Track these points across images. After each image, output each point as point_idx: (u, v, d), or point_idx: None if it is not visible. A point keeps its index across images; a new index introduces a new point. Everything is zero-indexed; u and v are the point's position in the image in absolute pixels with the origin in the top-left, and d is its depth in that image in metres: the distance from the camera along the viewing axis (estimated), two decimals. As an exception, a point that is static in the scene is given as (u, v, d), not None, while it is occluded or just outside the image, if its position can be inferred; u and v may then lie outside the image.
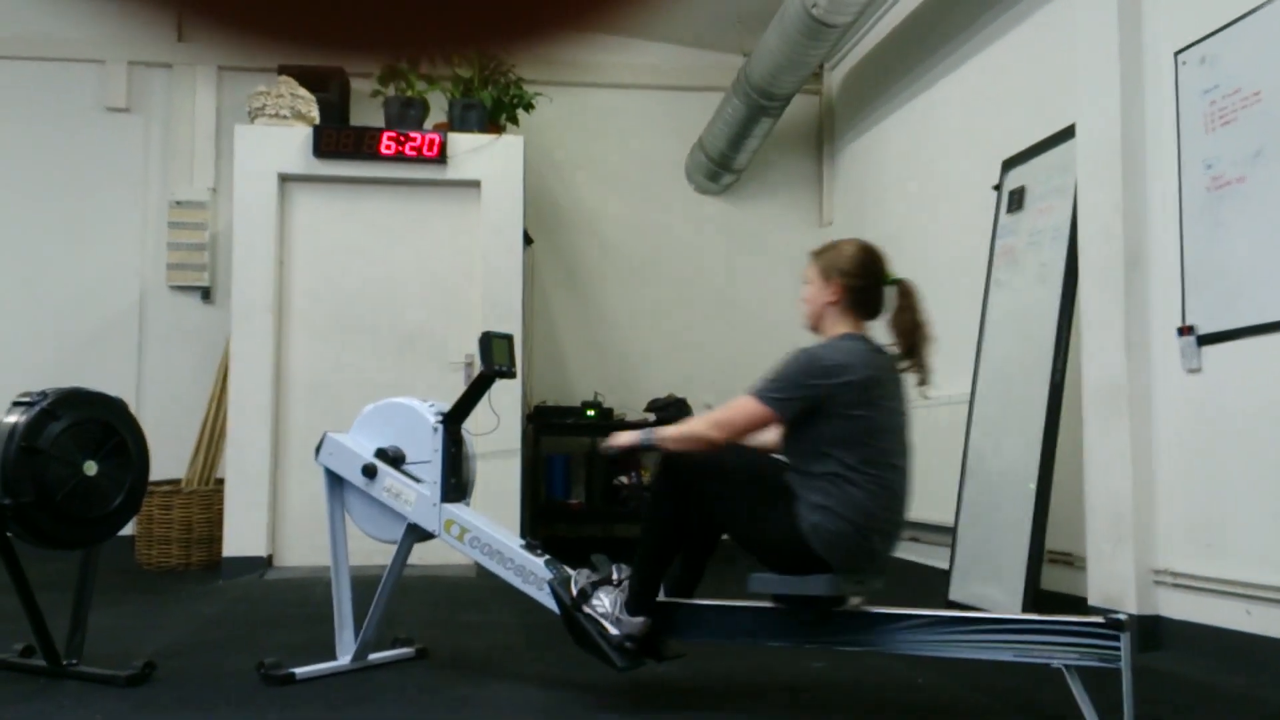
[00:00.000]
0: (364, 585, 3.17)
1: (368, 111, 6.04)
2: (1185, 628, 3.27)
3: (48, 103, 6.32)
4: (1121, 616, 2.24)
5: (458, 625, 3.89)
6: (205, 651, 3.42)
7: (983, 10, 4.86)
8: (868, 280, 2.63)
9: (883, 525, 2.53)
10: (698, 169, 6.70)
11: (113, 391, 3.21)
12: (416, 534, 3.08)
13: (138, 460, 3.16)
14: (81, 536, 3.05)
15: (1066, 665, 2.26)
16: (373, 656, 3.16)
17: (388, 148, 5.47)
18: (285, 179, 5.52)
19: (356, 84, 6.08)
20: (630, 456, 2.82)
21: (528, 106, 5.89)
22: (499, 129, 5.71)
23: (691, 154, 6.71)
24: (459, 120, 5.63)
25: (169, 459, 5.40)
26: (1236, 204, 3.16)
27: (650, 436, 2.67)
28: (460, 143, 5.54)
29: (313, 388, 5.44)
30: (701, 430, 2.60)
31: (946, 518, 4.33)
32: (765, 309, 6.46)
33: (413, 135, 5.49)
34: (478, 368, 3.08)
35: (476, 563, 2.96)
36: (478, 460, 3.23)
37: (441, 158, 5.49)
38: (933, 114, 5.37)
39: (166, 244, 6.21)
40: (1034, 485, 3.65)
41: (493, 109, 5.72)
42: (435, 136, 5.49)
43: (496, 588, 3.40)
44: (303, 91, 5.61)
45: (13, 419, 2.92)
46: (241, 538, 5.22)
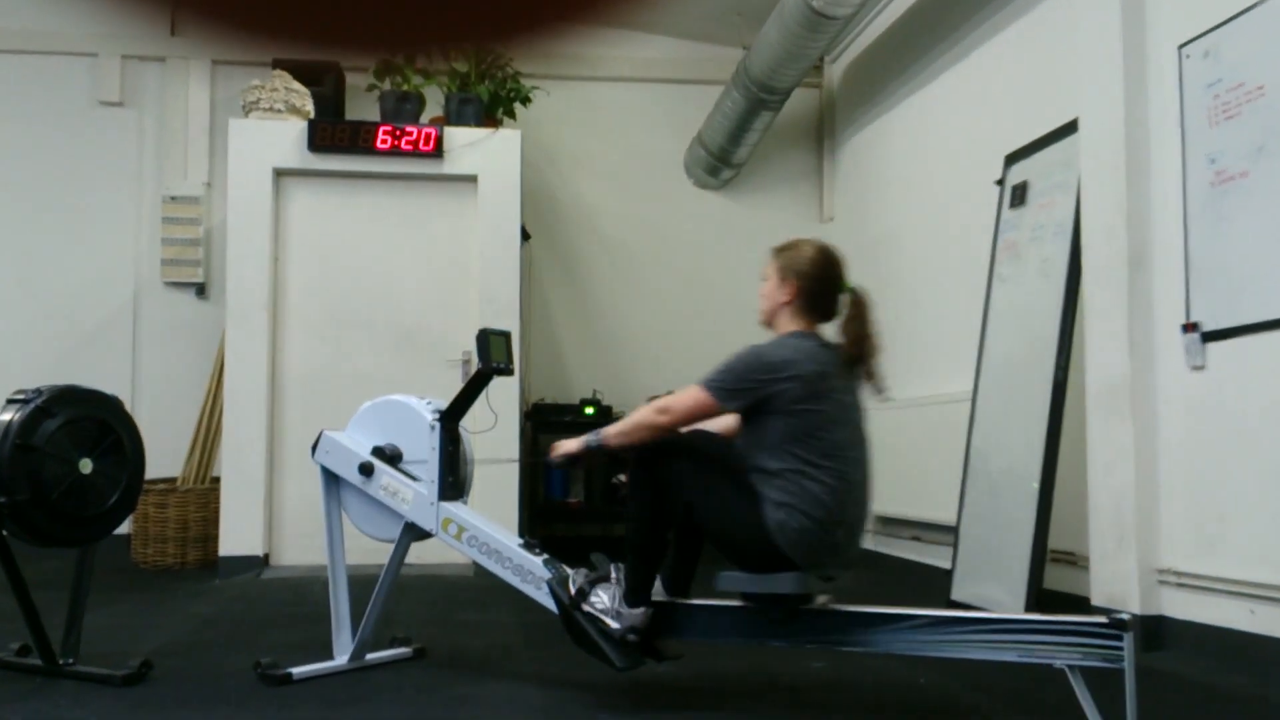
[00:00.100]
0: (361, 584, 3.15)
1: (363, 105, 6.00)
2: (1188, 628, 3.26)
3: (40, 97, 6.29)
4: (1125, 616, 2.22)
5: (456, 625, 3.87)
6: (202, 651, 3.40)
7: (985, 3, 4.84)
8: (823, 285, 2.67)
9: (845, 518, 2.55)
10: (697, 163, 6.67)
11: (108, 389, 3.19)
12: (414, 533, 3.06)
13: (133, 458, 3.14)
14: (77, 535, 3.03)
15: (1069, 665, 2.25)
16: (370, 656, 3.14)
17: (383, 142, 5.43)
18: (280, 173, 5.49)
19: (352, 78, 6.04)
20: (576, 464, 2.82)
21: (525, 100, 5.86)
22: (496, 123, 5.68)
23: (690, 148, 6.68)
24: (455, 114, 5.59)
25: (165, 457, 5.37)
26: (1240, 199, 3.14)
27: (595, 438, 2.71)
28: (456, 137, 5.50)
29: (309, 385, 5.41)
30: (647, 418, 2.63)
31: (948, 517, 4.32)
32: (764, 305, 6.44)
33: (409, 129, 5.45)
34: (475, 365, 3.05)
35: (474, 562, 2.95)
36: (476, 465, 3.21)
37: (438, 152, 5.46)
38: (934, 108, 5.34)
39: (161, 239, 6.19)
40: (1036, 484, 3.63)
41: (489, 103, 5.68)
42: (431, 130, 5.46)
43: (494, 587, 3.38)
44: (297, 85, 5.58)
45: (7, 416, 2.90)
46: (238, 536, 5.20)
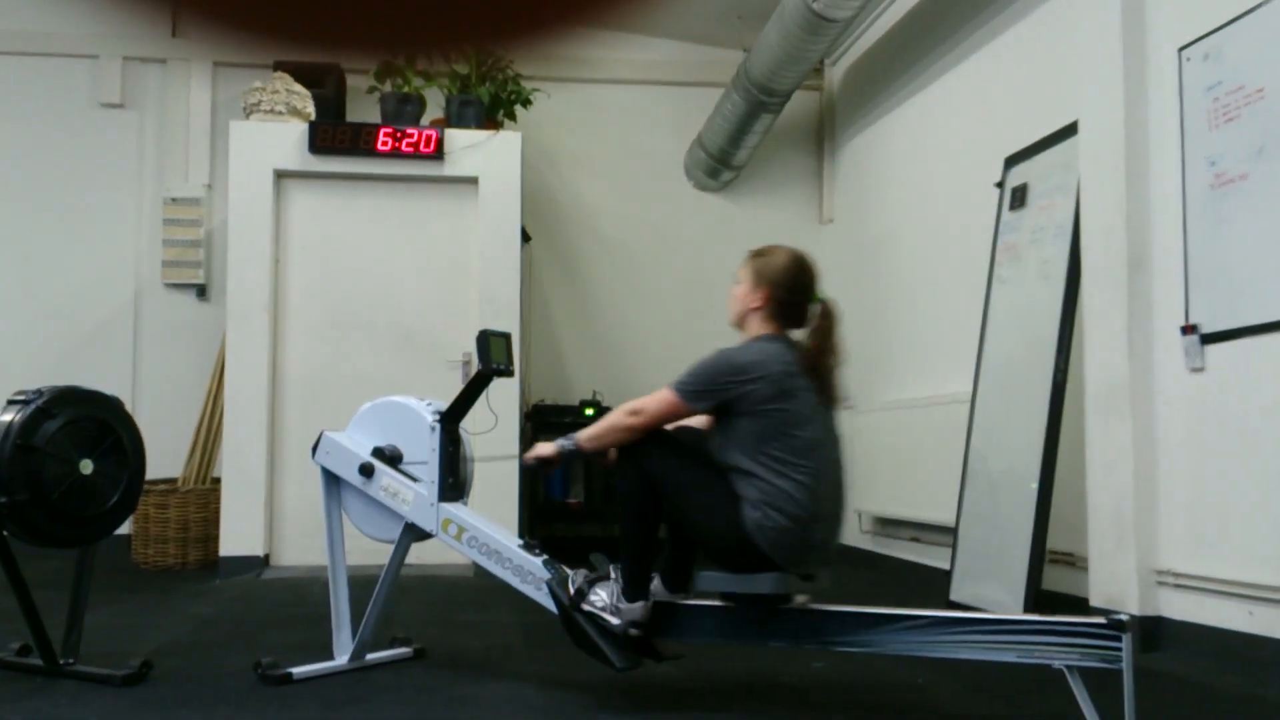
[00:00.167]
0: (361, 585, 3.15)
1: (364, 107, 6.01)
2: (1187, 628, 3.26)
3: (41, 98, 6.30)
4: (1123, 617, 2.22)
5: (455, 625, 3.88)
6: (202, 651, 3.40)
7: (985, 5, 4.84)
8: (794, 294, 2.69)
9: (822, 515, 2.57)
10: (697, 165, 6.68)
11: (108, 389, 3.20)
12: (414, 533, 3.07)
13: (134, 459, 3.15)
14: (77, 535, 3.03)
15: (1068, 666, 2.25)
16: (370, 656, 3.15)
17: (384, 144, 5.44)
18: (281, 175, 5.49)
19: (352, 80, 6.04)
20: (551, 467, 2.85)
21: (525, 102, 5.87)
22: (496, 125, 5.69)
23: (691, 150, 6.68)
24: (456, 116, 5.60)
25: (165, 457, 5.38)
26: (1240, 201, 3.14)
27: (569, 442, 2.75)
28: (457, 139, 5.51)
29: (309, 386, 5.42)
30: (620, 420, 2.67)
31: (947, 517, 4.32)
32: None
33: (409, 131, 5.46)
34: (475, 366, 3.06)
35: (474, 562, 2.95)
36: (476, 464, 3.22)
37: (438, 154, 5.46)
38: (934, 110, 5.34)
39: (162, 241, 6.19)
40: (1035, 485, 3.64)
41: (490, 105, 5.69)
42: (432, 132, 5.47)
43: (494, 587, 3.38)
44: (298, 87, 5.59)
45: (8, 417, 2.90)
46: (238, 537, 5.21)
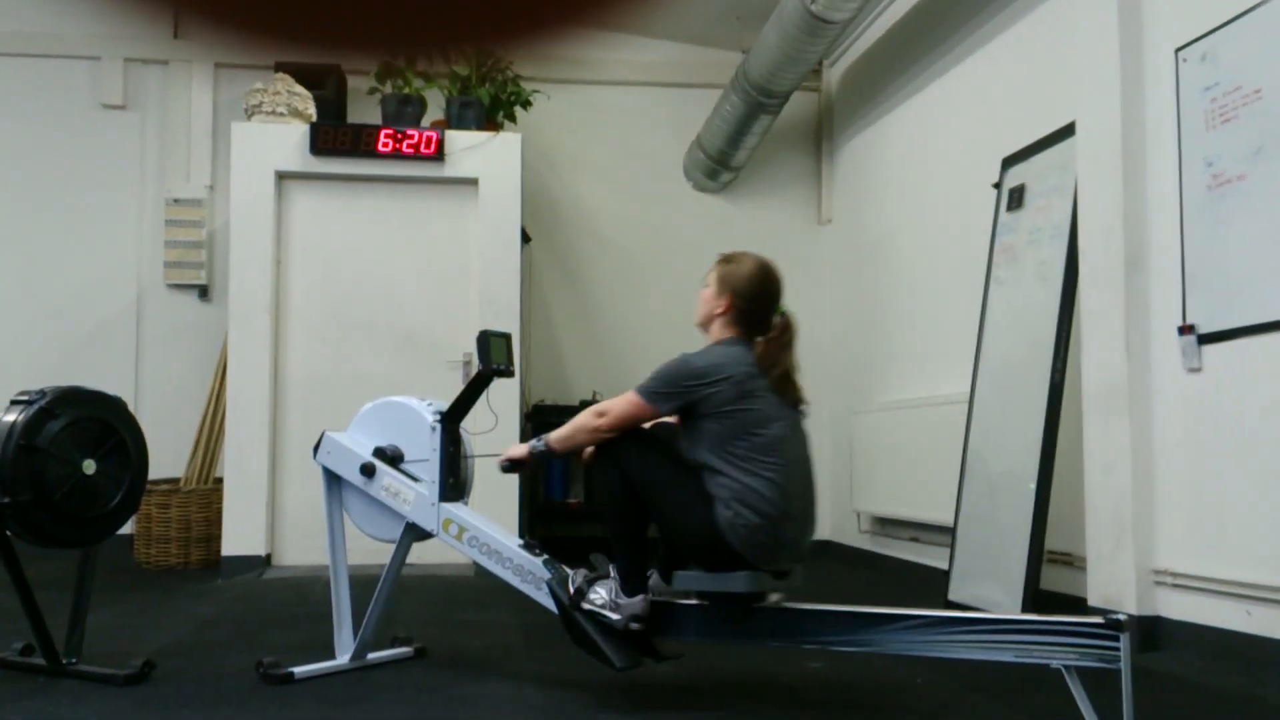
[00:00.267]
0: (362, 584, 3.17)
1: (365, 109, 6.03)
2: (1185, 628, 3.27)
3: (43, 100, 6.31)
4: (1121, 617, 2.23)
5: (456, 624, 3.89)
6: (204, 651, 3.41)
7: (983, 7, 4.86)
8: (757, 304, 2.74)
9: (792, 512, 2.61)
10: (696, 166, 6.69)
11: (111, 390, 3.21)
12: (415, 533, 3.08)
13: (136, 459, 3.16)
14: (80, 535, 3.04)
15: (1066, 666, 2.25)
16: (371, 656, 3.16)
17: (385, 145, 5.46)
18: (282, 176, 5.51)
19: (353, 81, 6.06)
20: (522, 468, 2.88)
21: (525, 104, 5.89)
22: (496, 126, 5.70)
23: (690, 151, 6.70)
24: (456, 118, 5.62)
25: (167, 458, 5.40)
26: (1237, 202, 3.15)
27: (540, 443, 2.81)
28: (458, 140, 5.53)
29: (311, 386, 5.43)
30: (587, 422, 2.73)
31: (946, 518, 4.33)
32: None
33: (410, 133, 5.48)
34: (476, 366, 3.07)
35: (475, 562, 2.96)
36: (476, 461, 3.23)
37: (439, 155, 5.48)
38: (932, 111, 5.36)
39: (164, 242, 6.21)
40: (1034, 485, 3.64)
41: (490, 106, 5.71)
42: (433, 134, 5.48)
43: (495, 587, 3.39)
44: (299, 89, 5.60)
45: (11, 417, 2.91)
46: (240, 537, 5.22)
